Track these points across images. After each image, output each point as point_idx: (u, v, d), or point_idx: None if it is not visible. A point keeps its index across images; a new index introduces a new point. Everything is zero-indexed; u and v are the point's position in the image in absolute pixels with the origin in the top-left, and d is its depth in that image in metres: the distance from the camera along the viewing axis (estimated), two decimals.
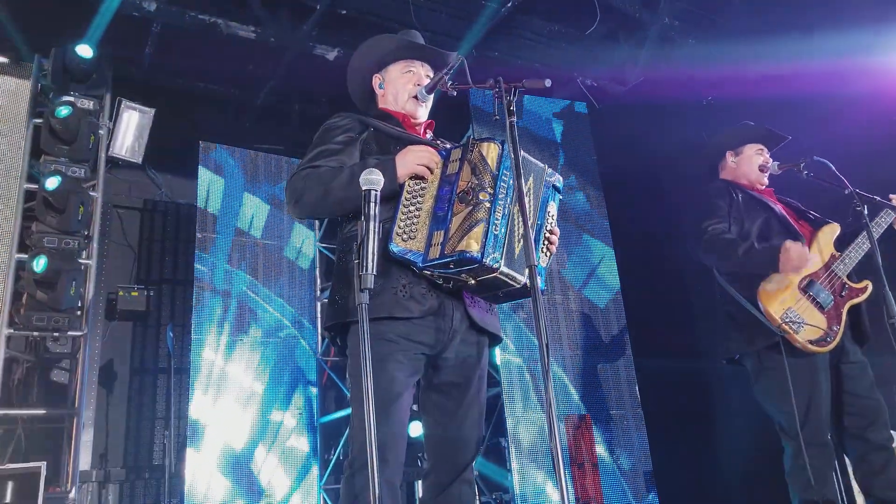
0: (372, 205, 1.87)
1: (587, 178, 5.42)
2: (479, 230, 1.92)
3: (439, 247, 1.94)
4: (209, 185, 5.08)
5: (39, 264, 3.90)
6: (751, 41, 4.55)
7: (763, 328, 2.83)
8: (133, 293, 5.28)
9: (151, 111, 4.84)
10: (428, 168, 2.05)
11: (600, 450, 4.63)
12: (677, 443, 5.06)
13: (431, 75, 2.35)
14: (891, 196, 3.04)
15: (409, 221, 2.01)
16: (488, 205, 1.96)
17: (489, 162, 2.00)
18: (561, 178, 2.21)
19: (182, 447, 4.65)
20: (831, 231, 3.03)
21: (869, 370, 2.93)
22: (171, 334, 4.69)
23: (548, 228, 2.11)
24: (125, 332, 5.45)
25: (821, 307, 2.86)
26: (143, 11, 4.41)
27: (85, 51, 4.30)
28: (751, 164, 3.21)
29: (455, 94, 2.31)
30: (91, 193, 4.39)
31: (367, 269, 1.81)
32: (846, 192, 2.92)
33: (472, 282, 1.99)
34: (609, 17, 4.96)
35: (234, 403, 4.71)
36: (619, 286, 5.17)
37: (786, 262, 2.80)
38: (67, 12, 4.41)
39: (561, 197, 2.21)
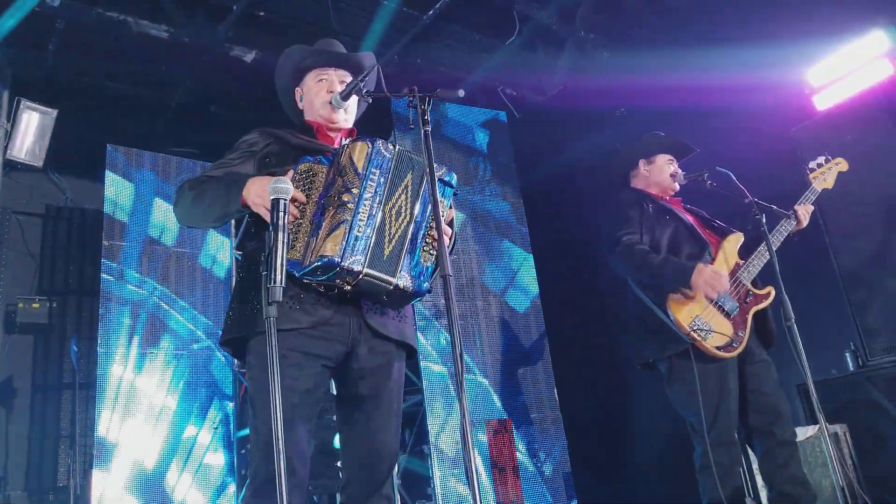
0: (281, 214, 1.83)
1: (508, 186, 5.50)
2: (338, 233, 1.90)
3: (311, 254, 1.92)
4: (117, 190, 4.84)
5: None
6: (661, 54, 4.74)
7: (673, 335, 2.94)
8: (34, 305, 5.00)
9: (54, 112, 4.60)
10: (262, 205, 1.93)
11: (521, 454, 4.70)
12: (595, 445, 5.20)
13: (347, 80, 2.30)
14: (796, 208, 3.21)
15: (292, 232, 1.96)
16: (352, 206, 1.93)
17: (356, 162, 1.97)
18: (452, 175, 2.11)
19: (88, 467, 4.41)
20: (736, 240, 3.16)
21: (773, 369, 3.08)
22: (76, 348, 4.46)
23: (430, 225, 2.02)
24: (26, 346, 5.15)
25: (727, 314, 2.98)
26: (46, 7, 4.16)
27: None
28: (662, 173, 3.32)
29: (370, 101, 2.31)
30: None
31: (275, 281, 1.76)
32: (746, 201, 3.07)
33: (348, 287, 1.94)
34: (528, 28, 5.06)
35: (145, 420, 4.50)
36: (538, 292, 5.26)
37: (697, 281, 2.91)
38: None
39: (455, 192, 2.13)
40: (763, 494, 3.45)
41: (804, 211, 3.20)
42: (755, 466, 3.41)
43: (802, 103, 4.40)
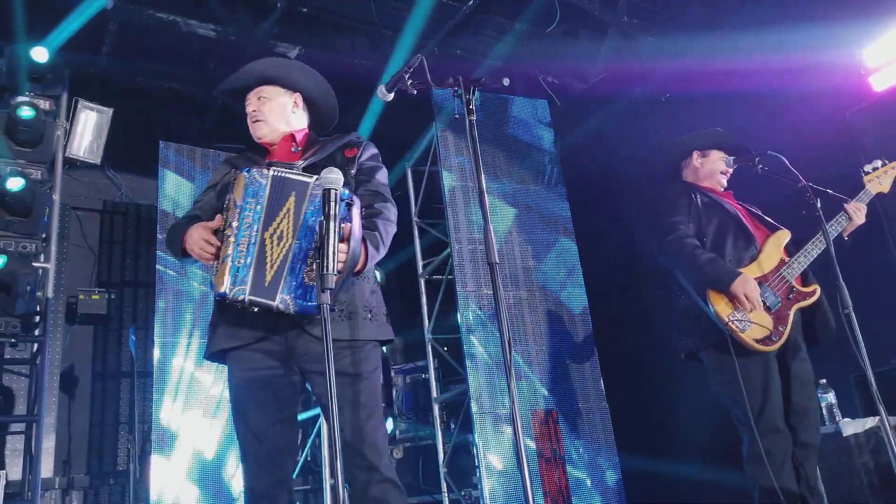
0: (332, 204, 1.89)
1: (552, 176, 5.47)
2: (224, 267, 2.03)
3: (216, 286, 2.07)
4: (170, 186, 4.99)
5: None
6: (707, 38, 4.63)
7: (713, 325, 2.93)
8: (94, 296, 5.19)
9: (109, 111, 4.75)
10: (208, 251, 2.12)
11: (567, 445, 4.69)
12: (643, 436, 5.15)
13: (263, 95, 2.40)
14: (845, 206, 3.12)
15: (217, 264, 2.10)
16: (232, 239, 2.04)
17: (235, 194, 2.08)
18: (342, 190, 1.97)
19: (147, 452, 4.57)
20: (784, 236, 3.14)
21: (810, 370, 3.05)
22: (134, 337, 4.61)
23: (314, 247, 1.98)
24: (86, 336, 5.36)
25: (768, 308, 2.95)
26: (100, 9, 4.32)
27: (40, 55, 4.20)
28: (714, 168, 3.32)
29: (415, 92, 2.34)
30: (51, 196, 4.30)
31: (326, 269, 1.83)
32: (799, 185, 3.00)
33: (255, 308, 2.06)
34: (569, 16, 5.01)
35: (202, 407, 4.64)
36: (584, 282, 5.22)
37: (736, 288, 2.88)
38: (24, 9, 4.29)
39: (350, 204, 2.03)
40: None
41: (854, 208, 3.12)
42: None
43: (858, 85, 4.24)
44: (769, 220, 3.25)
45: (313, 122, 2.54)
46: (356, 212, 2.05)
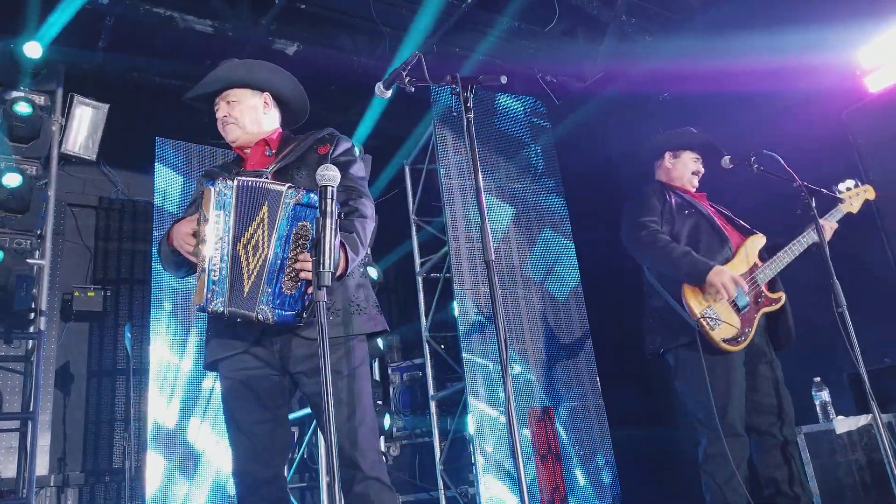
0: (328, 201, 1.88)
1: (547, 174, 5.48)
2: (200, 282, 2.04)
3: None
4: (166, 182, 4.98)
5: None
6: (704, 38, 4.65)
7: (684, 325, 2.96)
8: (89, 293, 5.18)
9: (105, 106, 4.74)
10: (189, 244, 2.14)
11: (563, 441, 4.70)
12: (638, 432, 5.16)
13: (230, 98, 2.38)
14: (820, 221, 3.11)
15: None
16: (206, 253, 2.04)
17: (204, 208, 2.08)
18: (310, 195, 2.03)
19: (143, 449, 4.57)
20: (758, 241, 3.18)
21: (779, 370, 3.09)
22: (130, 334, 4.60)
23: (292, 256, 2.03)
24: (82, 333, 5.35)
25: (738, 309, 2.99)
26: (96, 4, 4.30)
27: (33, 50, 4.19)
28: (685, 168, 3.35)
29: (413, 90, 2.33)
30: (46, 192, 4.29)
31: (323, 266, 1.82)
32: (794, 184, 3.03)
33: (239, 319, 2.07)
34: (568, 14, 5.02)
35: (196, 404, 4.64)
36: (580, 280, 5.23)
37: (713, 279, 2.90)
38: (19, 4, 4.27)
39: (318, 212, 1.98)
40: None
41: (829, 226, 3.16)
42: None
43: (853, 85, 4.26)
44: (741, 223, 3.28)
45: (286, 118, 2.52)
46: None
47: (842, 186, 3.33)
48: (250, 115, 2.38)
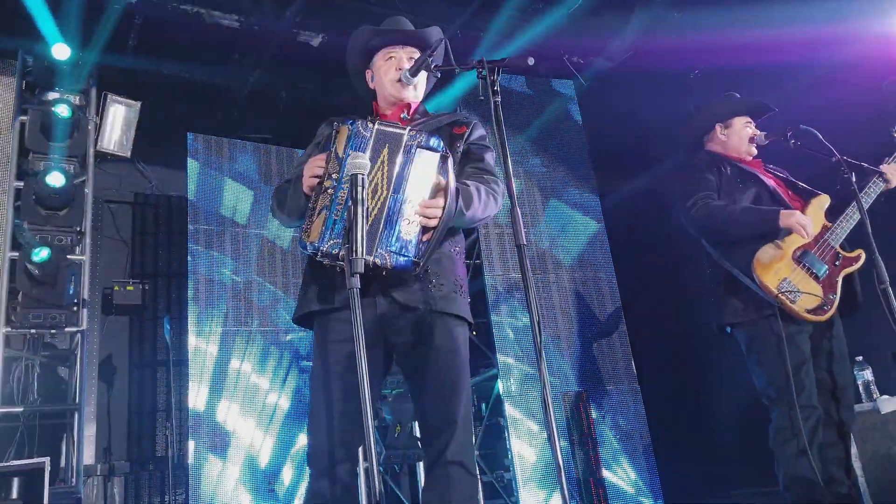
0: (359, 188, 1.88)
1: (576, 155, 5.42)
2: (319, 220, 1.99)
3: (308, 239, 2.01)
4: (199, 177, 5.06)
5: (41, 255, 3.87)
6: (735, 10, 4.53)
7: (757, 299, 2.85)
8: (128, 287, 5.31)
9: (138, 104, 4.82)
10: (316, 174, 2.07)
11: (599, 426, 4.68)
12: (673, 415, 5.11)
13: (416, 56, 2.32)
14: (882, 167, 3.04)
15: (310, 216, 2.05)
16: (331, 191, 2.00)
17: (337, 147, 2.02)
18: (434, 139, 2.03)
19: (185, 438, 4.67)
20: (822, 202, 3.05)
21: (845, 347, 2.98)
22: (169, 326, 4.70)
23: (407, 198, 1.98)
24: (122, 327, 5.48)
25: (816, 277, 2.88)
26: (125, 4, 4.37)
27: (61, 52, 4.27)
28: (741, 137, 3.21)
29: (438, 75, 2.32)
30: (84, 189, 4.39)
31: (356, 253, 1.81)
32: (833, 160, 2.93)
33: (341, 266, 1.97)
34: None
35: (237, 393, 4.73)
36: (612, 263, 5.18)
37: (787, 221, 2.82)
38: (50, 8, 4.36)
39: (441, 154, 2.03)
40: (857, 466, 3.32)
41: (892, 170, 3.04)
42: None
43: (893, 54, 4.12)
44: (803, 185, 3.15)
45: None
46: (451, 165, 2.04)
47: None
48: (422, 80, 2.35)
